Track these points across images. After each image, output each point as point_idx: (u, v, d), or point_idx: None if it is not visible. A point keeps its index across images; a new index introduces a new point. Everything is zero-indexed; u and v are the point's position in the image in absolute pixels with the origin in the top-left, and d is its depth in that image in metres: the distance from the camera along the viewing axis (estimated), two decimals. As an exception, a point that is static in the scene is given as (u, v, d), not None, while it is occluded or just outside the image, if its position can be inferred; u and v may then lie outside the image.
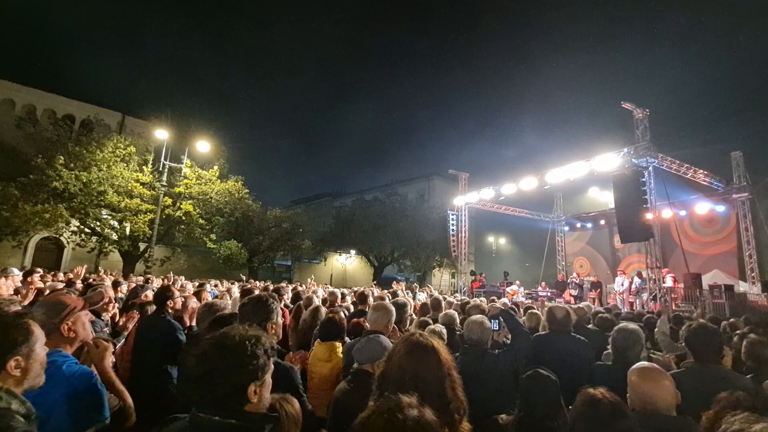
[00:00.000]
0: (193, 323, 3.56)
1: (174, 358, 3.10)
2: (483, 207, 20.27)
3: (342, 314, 3.29)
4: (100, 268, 17.33)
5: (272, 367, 1.37)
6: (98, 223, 19.62)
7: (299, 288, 9.97)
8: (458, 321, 4.13)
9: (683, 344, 4.21)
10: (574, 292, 16.07)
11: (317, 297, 5.90)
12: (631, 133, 13.25)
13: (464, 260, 20.18)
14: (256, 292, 4.48)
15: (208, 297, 4.97)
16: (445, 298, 6.28)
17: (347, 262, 34.71)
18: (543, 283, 18.82)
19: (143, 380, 3.08)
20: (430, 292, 11.34)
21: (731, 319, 5.75)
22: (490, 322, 3.09)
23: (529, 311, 5.09)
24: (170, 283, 7.95)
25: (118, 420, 1.92)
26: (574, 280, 17.28)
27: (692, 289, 12.93)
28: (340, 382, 2.30)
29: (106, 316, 3.79)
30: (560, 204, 23.15)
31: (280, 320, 2.36)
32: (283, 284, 11.49)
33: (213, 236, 23.22)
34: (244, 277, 14.45)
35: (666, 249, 16.04)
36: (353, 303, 5.67)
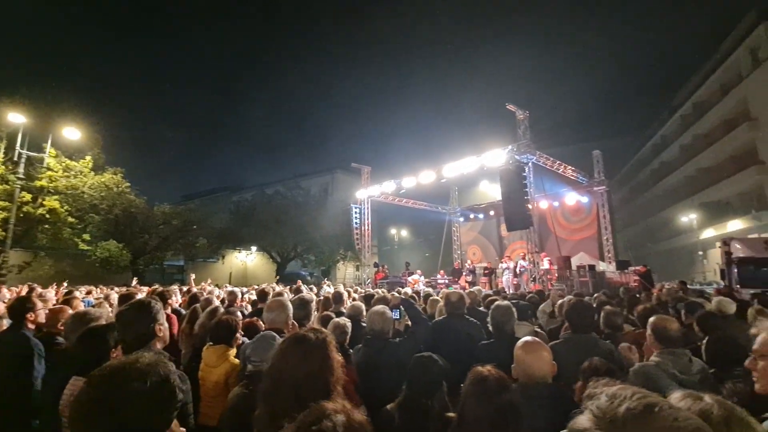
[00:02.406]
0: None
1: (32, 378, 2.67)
2: (385, 200, 20.82)
3: (239, 314, 3.10)
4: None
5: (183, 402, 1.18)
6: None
7: (195, 289, 9.19)
8: (365, 313, 4.15)
9: (560, 318, 4.81)
10: (469, 278, 17.43)
11: (215, 297, 5.49)
12: (514, 132, 14.68)
13: (368, 253, 20.54)
14: (139, 296, 4.03)
15: (80, 306, 4.32)
16: (349, 292, 6.29)
17: (248, 260, 33.08)
18: (442, 271, 20.04)
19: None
20: (332, 286, 11.32)
21: (595, 294, 6.69)
22: (392, 311, 3.17)
23: (430, 298, 5.31)
24: (31, 292, 6.75)
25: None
26: (468, 266, 18.70)
27: (564, 270, 14.83)
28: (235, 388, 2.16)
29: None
30: (456, 196, 24.79)
31: (166, 322, 2.13)
32: (174, 286, 10.49)
33: (87, 236, 20.36)
34: (135, 280, 12.78)
35: (543, 235, 18.16)
36: (252, 302, 5.40)
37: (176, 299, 5.63)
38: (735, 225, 26.35)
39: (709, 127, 30.42)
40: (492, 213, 23.10)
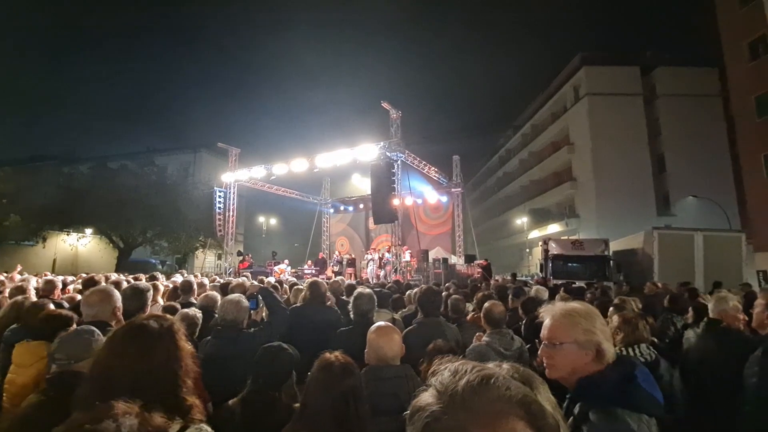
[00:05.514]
0: None
1: None
2: (254, 186, 19.80)
3: (51, 306, 2.58)
4: None
5: None
6: None
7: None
8: (219, 303, 3.88)
9: (414, 306, 5.19)
10: (336, 269, 17.72)
11: (28, 288, 4.46)
12: (387, 130, 15.36)
13: (231, 240, 19.33)
14: None
15: None
16: (202, 283, 5.77)
17: (79, 244, 27.95)
18: (309, 261, 19.93)
19: None
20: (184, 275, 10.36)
21: (446, 284, 7.43)
22: (249, 301, 3.03)
23: (295, 288, 5.23)
24: None
25: None
26: (336, 257, 19.02)
27: (422, 262, 16.17)
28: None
29: None
30: (328, 187, 24.87)
31: None
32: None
33: None
34: None
35: (405, 230, 19.44)
36: (80, 292, 4.56)
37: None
38: (553, 228, 32.18)
39: (540, 146, 36.58)
40: (361, 206, 23.83)
